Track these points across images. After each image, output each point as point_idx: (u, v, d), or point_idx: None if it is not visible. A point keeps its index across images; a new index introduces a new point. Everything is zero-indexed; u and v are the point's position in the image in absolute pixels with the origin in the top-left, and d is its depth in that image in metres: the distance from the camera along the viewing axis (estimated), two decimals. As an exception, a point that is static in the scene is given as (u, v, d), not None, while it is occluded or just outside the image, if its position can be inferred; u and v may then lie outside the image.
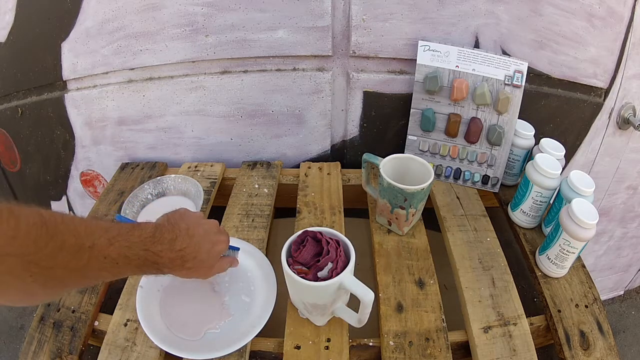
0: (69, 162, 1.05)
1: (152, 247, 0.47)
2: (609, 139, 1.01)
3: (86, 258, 0.40)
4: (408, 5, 0.78)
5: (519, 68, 0.78)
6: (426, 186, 0.70)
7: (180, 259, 0.50)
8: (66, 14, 0.84)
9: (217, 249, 0.56)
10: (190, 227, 0.52)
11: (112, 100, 0.92)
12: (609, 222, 1.23)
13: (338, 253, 0.56)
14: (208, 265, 0.55)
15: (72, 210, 1.17)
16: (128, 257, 0.44)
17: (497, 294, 0.66)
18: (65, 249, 0.38)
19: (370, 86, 0.87)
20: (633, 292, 1.58)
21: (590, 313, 0.64)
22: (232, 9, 0.79)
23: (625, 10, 0.83)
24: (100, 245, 0.41)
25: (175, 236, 0.50)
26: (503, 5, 0.79)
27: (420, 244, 0.75)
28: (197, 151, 0.98)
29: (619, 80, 0.92)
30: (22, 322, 1.50)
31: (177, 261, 0.50)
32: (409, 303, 0.65)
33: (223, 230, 0.60)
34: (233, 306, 0.65)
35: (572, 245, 0.64)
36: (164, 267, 0.49)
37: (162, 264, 0.48)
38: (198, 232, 0.53)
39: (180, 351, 0.57)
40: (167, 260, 0.48)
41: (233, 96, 0.89)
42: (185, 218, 0.53)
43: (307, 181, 0.89)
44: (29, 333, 0.62)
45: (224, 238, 0.58)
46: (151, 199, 0.83)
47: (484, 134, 0.83)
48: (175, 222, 0.52)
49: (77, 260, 0.39)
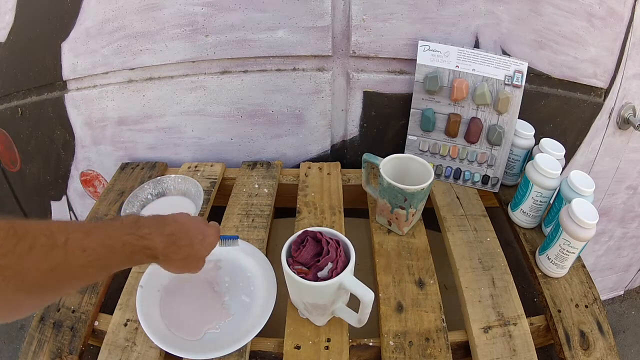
0: (69, 162, 1.05)
1: (138, 231, 0.45)
2: (609, 139, 1.01)
3: (61, 255, 0.38)
4: (408, 5, 0.78)
5: (519, 68, 0.78)
6: (426, 186, 0.70)
7: (173, 244, 0.48)
8: (66, 14, 0.84)
9: (209, 240, 0.55)
10: (176, 215, 0.52)
11: (112, 100, 0.92)
12: (609, 222, 1.23)
13: (338, 253, 0.56)
14: (201, 255, 0.54)
15: (72, 210, 1.17)
16: (111, 245, 0.42)
17: (497, 294, 0.66)
18: (37, 248, 0.36)
19: (370, 86, 0.87)
20: (633, 292, 1.58)
21: (590, 313, 0.64)
22: (232, 9, 0.79)
23: (625, 10, 0.83)
24: (76, 239, 0.39)
25: (164, 221, 0.49)
26: (503, 5, 0.79)
27: (420, 244, 0.75)
28: (197, 151, 0.98)
29: (619, 80, 0.92)
30: (22, 322, 1.50)
31: (171, 247, 0.48)
32: (409, 303, 0.65)
33: (213, 224, 0.59)
34: (233, 306, 0.65)
35: (572, 245, 0.64)
36: (159, 253, 0.46)
37: (154, 248, 0.46)
38: (187, 220, 0.52)
39: (180, 351, 0.57)
40: (159, 244, 0.46)
41: (233, 96, 0.89)
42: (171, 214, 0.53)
43: (307, 181, 0.89)
44: (29, 333, 0.62)
45: (212, 231, 0.57)
46: (151, 199, 0.83)
47: (484, 134, 0.83)
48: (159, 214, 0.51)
49: (51, 259, 0.37)
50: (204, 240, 0.54)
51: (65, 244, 0.38)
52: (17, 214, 1.26)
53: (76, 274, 0.40)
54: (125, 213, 0.76)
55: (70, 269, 0.39)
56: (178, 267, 0.53)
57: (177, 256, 0.50)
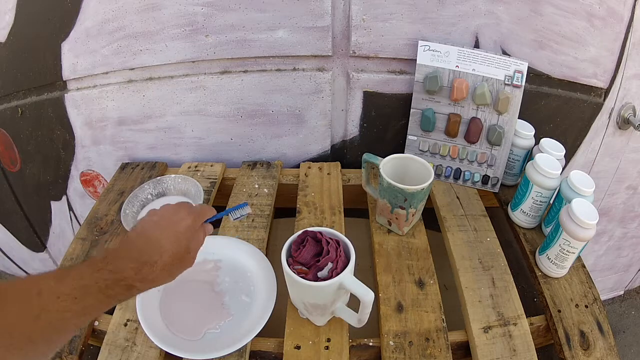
0: (69, 162, 1.05)
1: (107, 266, 0.43)
2: (609, 139, 1.01)
3: (37, 307, 0.37)
4: (408, 5, 0.78)
5: (519, 68, 0.78)
6: (426, 186, 0.70)
7: (145, 264, 0.46)
8: (66, 14, 0.84)
9: (187, 234, 0.50)
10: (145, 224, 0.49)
11: (112, 100, 0.92)
12: (609, 222, 1.23)
13: (338, 253, 0.56)
14: (182, 254, 0.50)
15: (72, 210, 1.17)
16: (85, 286, 0.41)
17: (497, 294, 0.66)
18: (9, 303, 0.36)
19: (370, 86, 0.87)
20: (633, 292, 1.58)
21: (590, 313, 0.64)
22: (232, 9, 0.79)
23: (625, 10, 0.83)
24: (49, 287, 0.38)
25: (130, 242, 0.47)
26: (503, 5, 0.79)
27: (420, 244, 0.75)
28: (197, 151, 0.98)
29: (619, 80, 0.92)
30: (22, 322, 1.50)
31: (143, 268, 0.45)
32: (409, 303, 0.65)
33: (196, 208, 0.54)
34: (233, 306, 0.65)
35: (572, 245, 0.64)
36: (134, 280, 0.45)
37: (127, 278, 0.44)
38: (154, 227, 0.49)
39: (180, 351, 0.57)
40: (130, 271, 0.44)
41: (233, 96, 0.89)
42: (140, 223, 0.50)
43: (307, 181, 0.89)
44: (29, 333, 0.62)
45: (190, 220, 0.52)
46: (151, 199, 0.83)
47: (484, 134, 0.83)
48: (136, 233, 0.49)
49: (27, 312, 0.36)
50: (178, 239, 0.49)
51: (39, 294, 0.38)
52: (17, 214, 1.26)
53: (56, 323, 0.39)
54: (125, 213, 0.76)
55: (50, 318, 0.38)
56: (165, 278, 0.49)
57: (154, 274, 0.47)
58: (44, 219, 1.24)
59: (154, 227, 0.49)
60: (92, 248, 0.75)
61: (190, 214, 0.52)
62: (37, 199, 1.19)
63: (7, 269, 1.62)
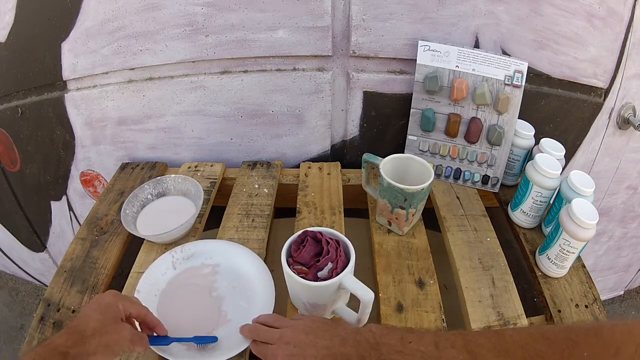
0: (69, 162, 1.05)
1: (48, 339, 0.47)
2: (609, 139, 1.01)
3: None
4: (408, 5, 0.78)
5: (519, 68, 0.78)
6: (426, 186, 0.70)
7: (75, 332, 0.48)
8: (66, 14, 0.84)
9: (108, 327, 0.51)
10: (86, 310, 0.52)
11: (112, 100, 0.92)
12: (609, 222, 1.23)
13: (338, 253, 0.56)
14: (110, 333, 0.50)
15: (72, 210, 1.17)
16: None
17: (497, 294, 0.66)
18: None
19: (370, 86, 0.87)
20: (633, 292, 1.58)
21: (590, 313, 0.64)
22: (232, 9, 0.79)
23: (625, 10, 0.83)
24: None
25: (71, 322, 0.50)
26: (503, 5, 0.79)
27: (420, 244, 0.75)
28: (197, 151, 0.98)
29: (619, 80, 0.92)
30: (22, 322, 1.50)
31: (72, 336, 0.48)
32: (409, 303, 0.65)
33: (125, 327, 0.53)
34: (231, 312, 0.64)
35: (572, 245, 0.64)
36: (66, 347, 0.46)
37: (59, 345, 0.46)
38: (92, 311, 0.51)
39: (177, 357, 0.56)
40: (58, 338, 0.47)
41: (233, 96, 0.89)
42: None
43: (307, 181, 0.89)
44: (29, 333, 0.62)
45: (120, 328, 0.52)
46: (151, 199, 0.83)
47: (484, 134, 0.83)
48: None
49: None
50: (104, 320, 0.50)
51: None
52: (17, 214, 1.26)
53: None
54: (125, 213, 0.76)
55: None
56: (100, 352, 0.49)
57: (86, 343, 0.48)
58: (44, 219, 1.24)
59: (93, 314, 0.51)
60: (92, 248, 0.75)
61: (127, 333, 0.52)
62: (37, 199, 1.20)
63: (7, 268, 1.63)
